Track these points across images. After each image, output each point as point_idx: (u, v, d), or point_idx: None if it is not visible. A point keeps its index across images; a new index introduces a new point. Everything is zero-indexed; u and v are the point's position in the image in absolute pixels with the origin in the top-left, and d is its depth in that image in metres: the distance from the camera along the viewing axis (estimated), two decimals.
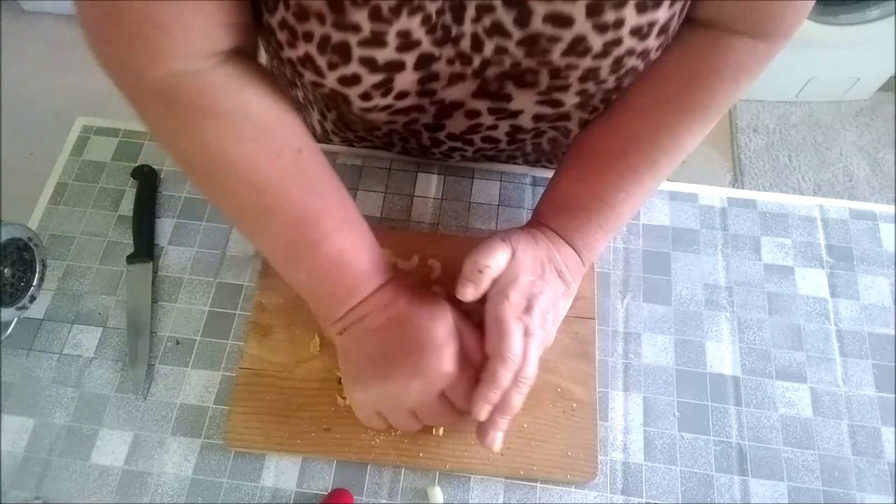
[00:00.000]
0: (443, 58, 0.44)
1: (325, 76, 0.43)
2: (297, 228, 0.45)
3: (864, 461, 0.52)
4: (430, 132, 0.57)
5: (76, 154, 0.65)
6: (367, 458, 0.50)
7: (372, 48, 0.41)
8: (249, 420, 0.51)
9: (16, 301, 0.54)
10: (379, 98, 0.46)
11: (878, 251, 0.61)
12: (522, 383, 0.44)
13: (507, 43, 0.42)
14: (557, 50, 0.41)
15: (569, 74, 0.44)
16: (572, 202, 0.50)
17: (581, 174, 0.50)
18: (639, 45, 0.42)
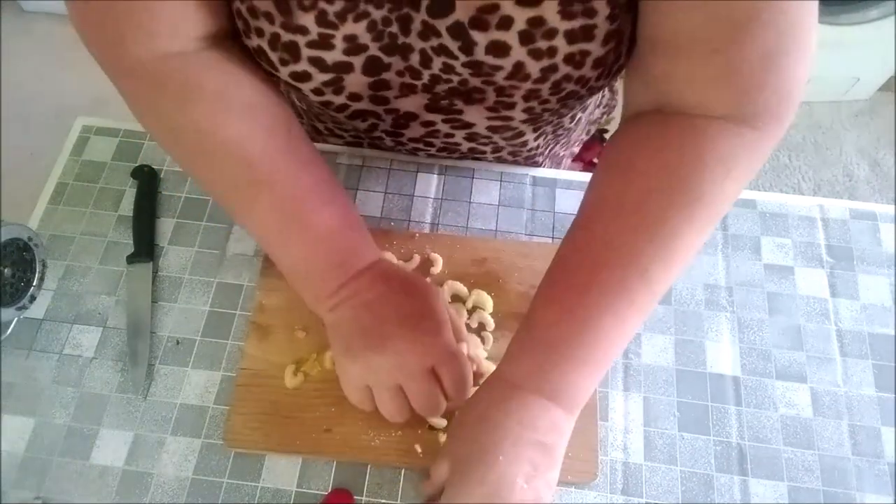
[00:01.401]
0: (392, 68, 0.45)
1: (277, 70, 0.44)
2: (288, 203, 0.45)
3: (864, 461, 0.52)
4: (391, 137, 0.58)
5: (76, 154, 0.65)
6: (368, 459, 0.50)
7: (320, 50, 0.42)
8: (249, 421, 0.51)
9: (16, 301, 0.54)
10: (332, 95, 0.47)
11: (878, 251, 0.61)
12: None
13: (453, 62, 0.43)
14: (500, 75, 0.43)
15: (513, 93, 0.45)
16: (554, 339, 0.40)
17: (562, 301, 0.41)
18: (574, 72, 0.43)
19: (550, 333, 0.41)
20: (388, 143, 0.60)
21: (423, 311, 0.45)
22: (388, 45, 0.43)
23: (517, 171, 0.64)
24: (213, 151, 0.44)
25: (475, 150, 0.60)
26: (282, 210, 0.45)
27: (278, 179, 0.45)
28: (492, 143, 0.58)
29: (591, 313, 0.40)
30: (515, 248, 0.59)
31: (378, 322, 0.45)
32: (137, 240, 0.59)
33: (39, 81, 1.84)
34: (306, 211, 0.45)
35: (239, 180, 0.45)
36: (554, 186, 0.64)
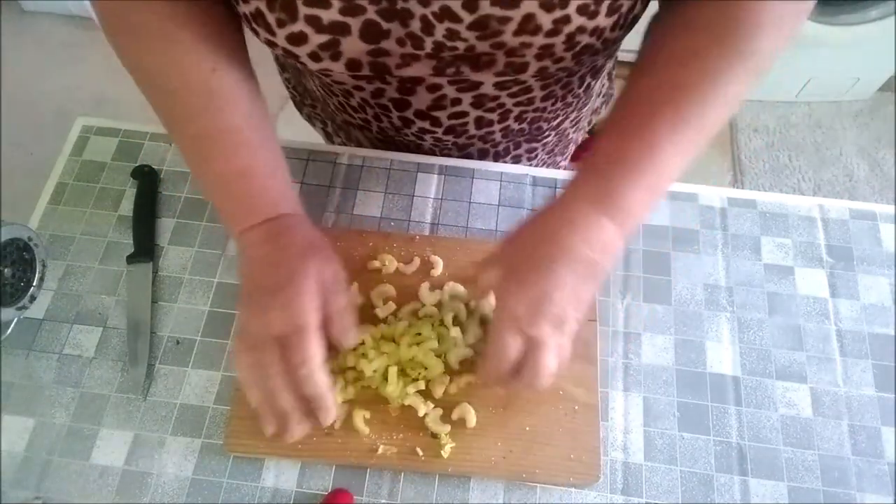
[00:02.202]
0: (392, 35, 0.45)
1: (275, 34, 0.45)
2: (197, 142, 0.46)
3: (864, 461, 0.52)
4: (398, 110, 0.58)
5: (76, 154, 0.65)
6: (369, 461, 0.50)
7: (316, 7, 0.42)
8: (250, 425, 0.51)
9: (16, 301, 0.54)
10: (329, 61, 0.47)
11: (878, 251, 0.61)
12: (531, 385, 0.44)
13: (458, 27, 0.43)
14: (509, 30, 0.42)
15: (524, 53, 0.45)
16: (617, 161, 0.44)
17: (626, 131, 0.44)
18: (588, 23, 0.43)
19: (613, 157, 0.44)
20: (396, 119, 0.60)
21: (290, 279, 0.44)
22: (386, 9, 0.43)
23: (517, 170, 0.64)
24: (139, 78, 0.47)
25: (482, 119, 0.59)
26: (192, 147, 0.47)
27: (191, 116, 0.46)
28: (500, 107, 0.57)
29: (652, 142, 0.43)
30: None
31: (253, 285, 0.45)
32: (137, 240, 0.59)
33: (39, 81, 1.84)
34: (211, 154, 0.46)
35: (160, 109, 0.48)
36: (554, 186, 0.64)
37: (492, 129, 0.62)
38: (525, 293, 0.43)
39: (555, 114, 0.64)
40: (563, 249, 0.43)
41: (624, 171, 0.43)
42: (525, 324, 0.42)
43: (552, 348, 0.43)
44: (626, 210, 0.43)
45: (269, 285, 0.44)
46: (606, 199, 0.43)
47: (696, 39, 0.44)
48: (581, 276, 0.43)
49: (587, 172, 0.45)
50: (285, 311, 0.42)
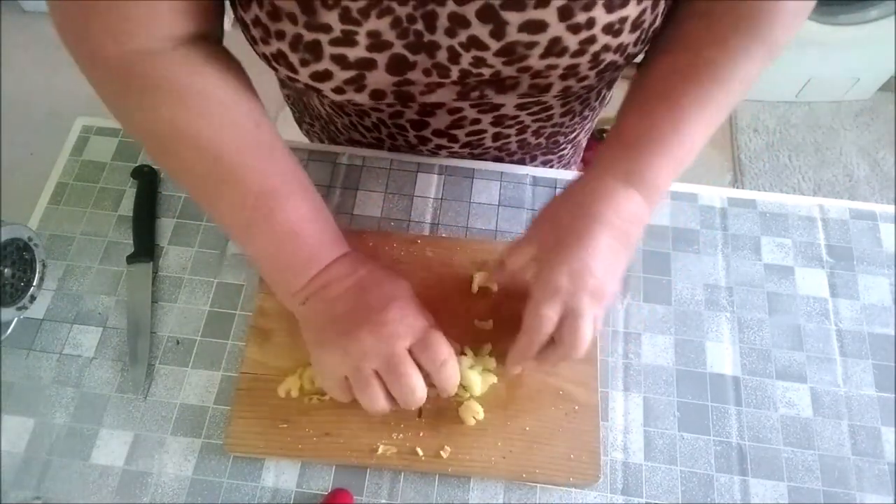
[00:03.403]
0: (419, 67, 0.45)
1: (297, 72, 0.44)
2: (253, 198, 0.45)
3: (864, 461, 0.52)
4: (415, 130, 0.58)
5: (76, 154, 0.65)
6: (369, 462, 0.50)
7: (343, 47, 0.42)
8: (250, 425, 0.51)
9: (16, 301, 0.54)
10: (353, 93, 0.47)
11: (878, 251, 0.61)
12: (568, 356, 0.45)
13: (484, 54, 0.43)
14: (535, 54, 0.42)
15: (549, 74, 0.45)
16: (642, 135, 0.45)
17: (650, 105, 0.46)
18: (613, 41, 0.43)
19: (640, 132, 0.45)
20: (412, 138, 0.60)
21: (394, 296, 0.45)
22: (413, 42, 0.43)
23: (517, 170, 0.64)
24: (178, 146, 0.45)
25: (500, 134, 0.59)
26: (246, 206, 0.45)
27: (242, 174, 0.45)
28: (518, 124, 0.58)
29: (678, 118, 0.44)
30: None
31: (349, 311, 0.45)
32: (137, 240, 0.59)
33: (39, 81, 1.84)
34: (270, 208, 0.45)
35: (204, 174, 0.46)
36: (554, 186, 0.64)
37: (508, 141, 0.62)
38: (566, 264, 0.43)
39: (572, 128, 0.64)
40: (597, 220, 0.44)
41: (651, 147, 0.44)
42: (567, 295, 0.43)
43: (590, 318, 0.43)
44: (652, 184, 0.45)
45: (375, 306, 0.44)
46: (635, 174, 0.44)
47: (717, 23, 0.45)
48: (616, 246, 0.44)
49: (615, 147, 0.46)
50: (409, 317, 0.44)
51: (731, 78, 0.44)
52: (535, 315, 0.43)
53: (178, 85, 0.43)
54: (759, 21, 0.44)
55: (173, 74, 0.43)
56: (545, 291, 0.43)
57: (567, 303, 0.43)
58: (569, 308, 0.43)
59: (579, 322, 0.43)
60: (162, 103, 0.43)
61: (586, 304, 0.43)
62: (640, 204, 0.45)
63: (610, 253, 0.44)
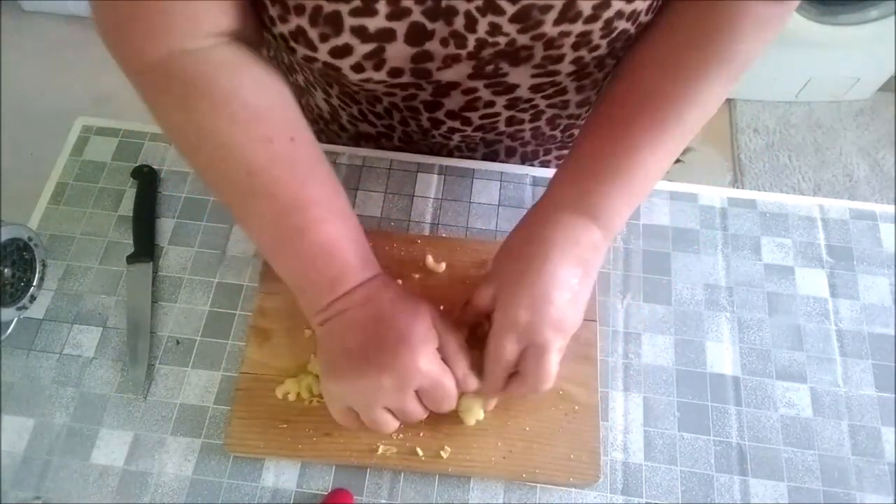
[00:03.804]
0: (436, 36, 0.44)
1: (317, 49, 0.44)
2: (285, 214, 0.45)
3: (864, 461, 0.52)
4: (428, 112, 0.57)
5: (76, 154, 0.65)
6: (369, 462, 0.50)
7: (363, 17, 0.42)
8: (250, 425, 0.51)
9: (16, 301, 0.54)
10: (371, 71, 0.46)
11: (878, 251, 0.61)
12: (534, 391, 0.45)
13: (500, 20, 0.43)
14: (550, 19, 0.42)
15: (562, 43, 0.45)
16: (597, 166, 0.45)
17: (605, 135, 0.46)
18: (627, 6, 0.43)
19: (595, 163, 0.45)
20: (425, 122, 0.59)
21: (404, 334, 0.44)
22: (431, 8, 0.42)
23: (517, 170, 0.64)
24: (213, 154, 0.44)
25: (513, 118, 0.59)
26: (277, 222, 0.45)
27: (275, 190, 0.44)
28: (532, 108, 0.57)
29: (631, 147, 0.44)
30: None
31: (362, 344, 0.44)
32: (137, 240, 0.59)
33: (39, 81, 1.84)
34: (301, 226, 0.45)
35: (237, 186, 0.45)
36: None
37: (522, 128, 0.62)
38: (526, 296, 0.43)
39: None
40: (555, 249, 0.44)
41: (605, 178, 0.44)
42: (526, 329, 0.43)
43: (555, 351, 0.43)
44: (607, 212, 0.45)
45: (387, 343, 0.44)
46: (589, 206, 0.45)
47: (676, 43, 0.45)
48: (576, 274, 0.44)
49: (568, 178, 0.46)
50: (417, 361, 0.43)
51: (687, 105, 0.44)
52: (494, 347, 0.44)
53: (214, 87, 0.42)
54: (721, 39, 0.43)
55: (212, 78, 0.42)
56: (504, 324, 0.43)
57: (529, 336, 0.43)
58: (531, 341, 0.43)
59: (543, 356, 0.43)
60: (199, 108, 0.43)
61: (548, 337, 0.43)
62: (596, 231, 0.45)
63: (567, 281, 0.44)
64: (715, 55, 0.44)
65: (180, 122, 0.44)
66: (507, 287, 0.44)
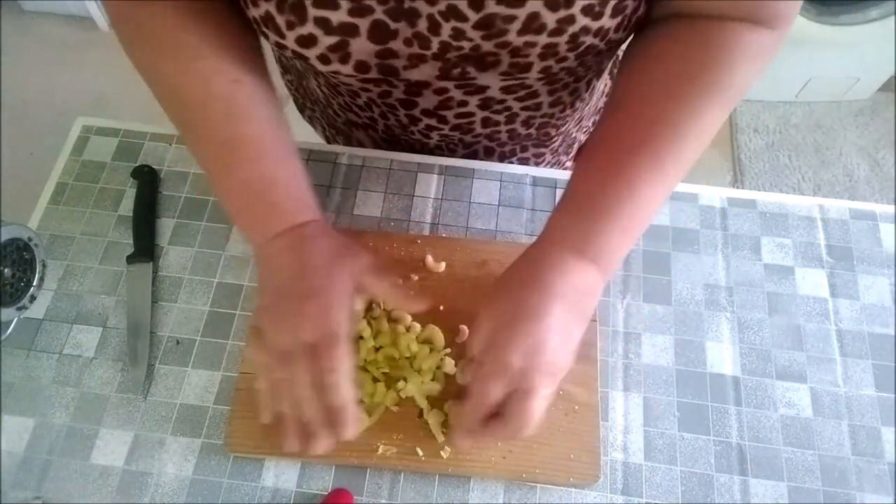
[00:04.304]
0: (400, 35, 0.45)
1: (284, 36, 0.45)
2: (215, 151, 0.47)
3: (864, 461, 0.52)
4: (405, 109, 0.58)
5: (76, 154, 0.65)
6: (369, 462, 0.50)
7: (325, 9, 0.43)
8: (250, 425, 0.51)
9: (16, 301, 0.54)
10: (338, 63, 0.47)
11: (878, 251, 0.61)
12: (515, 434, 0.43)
13: (463, 26, 0.43)
14: (513, 29, 0.43)
15: (528, 53, 0.45)
16: (596, 205, 0.44)
17: (601, 171, 0.45)
18: (593, 23, 0.43)
19: (592, 201, 0.44)
20: (403, 118, 0.60)
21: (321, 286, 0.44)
22: (393, 8, 0.43)
23: (517, 170, 0.64)
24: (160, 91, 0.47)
25: (489, 120, 0.59)
26: (209, 157, 0.47)
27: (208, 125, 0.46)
28: (506, 110, 0.58)
29: (629, 184, 0.43)
30: (516, 251, 0.58)
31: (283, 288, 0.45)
32: (137, 240, 0.59)
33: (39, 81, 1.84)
34: (230, 163, 0.46)
35: (177, 118, 0.48)
36: (554, 186, 0.64)
37: (498, 129, 0.62)
38: (520, 343, 0.42)
39: (563, 120, 0.64)
40: (552, 294, 0.42)
41: (603, 216, 0.43)
42: (518, 373, 0.42)
43: (541, 396, 0.42)
44: (606, 254, 0.44)
45: (299, 293, 0.44)
46: (587, 245, 0.43)
47: (672, 75, 0.44)
48: (570, 318, 0.43)
49: (567, 217, 0.45)
50: (316, 320, 0.43)
51: (685, 138, 0.43)
52: (481, 390, 0.43)
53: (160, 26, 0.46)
54: (717, 69, 0.43)
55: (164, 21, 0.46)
56: (494, 367, 0.42)
57: (517, 381, 0.42)
58: (519, 386, 0.42)
59: (529, 401, 0.42)
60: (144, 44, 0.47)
61: (538, 383, 0.42)
62: (594, 274, 0.44)
63: (564, 327, 0.43)
64: (711, 87, 0.43)
65: (138, 60, 0.48)
66: (502, 330, 0.42)
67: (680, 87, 0.44)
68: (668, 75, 0.44)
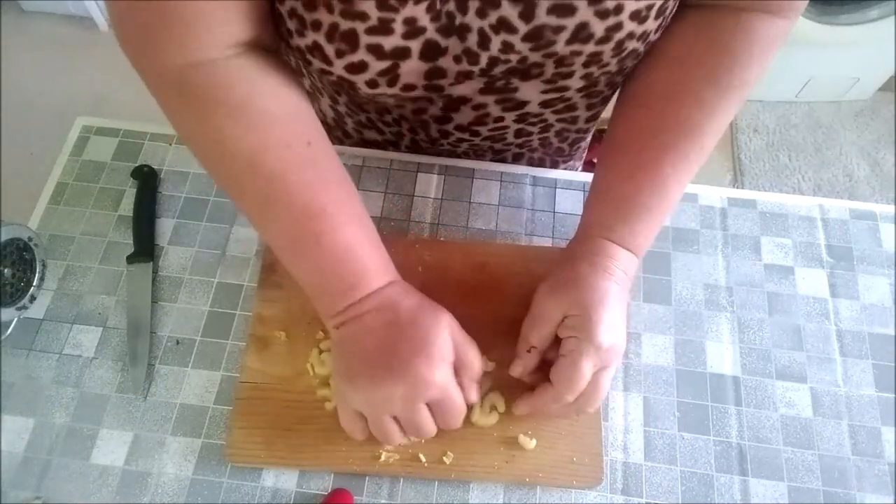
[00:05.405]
0: (450, 53, 0.45)
1: (332, 64, 0.44)
2: (302, 220, 0.45)
3: (864, 461, 0.52)
4: (438, 124, 0.58)
5: (76, 154, 0.65)
6: (371, 470, 0.50)
7: (379, 35, 0.42)
8: (251, 435, 0.51)
9: (16, 301, 0.54)
10: (385, 87, 0.47)
11: (878, 251, 0.61)
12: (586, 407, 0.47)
13: (513, 38, 0.43)
14: (562, 39, 0.43)
15: (573, 62, 0.45)
16: (631, 204, 0.48)
17: (634, 173, 0.48)
18: (638, 28, 0.43)
19: (628, 194, 0.48)
20: (434, 132, 0.59)
21: (422, 344, 0.44)
22: (445, 25, 0.43)
23: (517, 170, 0.64)
24: (232, 163, 0.44)
25: (522, 131, 0.60)
26: (294, 228, 0.45)
27: (292, 195, 0.44)
28: (542, 122, 0.58)
29: (660, 183, 0.47)
30: (515, 253, 0.58)
31: (378, 349, 0.44)
32: (137, 240, 0.59)
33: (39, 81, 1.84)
34: (318, 231, 0.44)
35: (255, 194, 0.45)
36: (554, 186, 0.64)
37: (531, 139, 0.63)
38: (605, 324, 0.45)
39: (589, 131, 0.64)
40: (611, 277, 0.47)
41: (638, 212, 0.47)
42: (604, 354, 0.45)
43: (612, 374, 0.46)
44: (642, 244, 0.48)
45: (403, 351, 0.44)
46: (628, 237, 0.48)
47: (691, 75, 0.46)
48: (624, 300, 0.47)
49: (605, 211, 0.49)
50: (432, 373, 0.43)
51: (706, 135, 0.47)
52: (575, 370, 0.44)
53: (231, 95, 0.43)
54: (734, 68, 0.45)
55: (229, 87, 0.43)
56: (588, 348, 0.44)
57: (603, 360, 0.45)
58: (603, 365, 0.45)
59: (604, 378, 0.45)
60: (217, 117, 0.43)
61: (611, 361, 0.45)
62: (634, 261, 0.48)
63: (623, 307, 0.47)
64: (729, 85, 0.46)
65: (198, 131, 0.44)
66: (587, 315, 0.45)
67: (701, 89, 0.46)
68: (689, 77, 0.46)
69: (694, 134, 0.46)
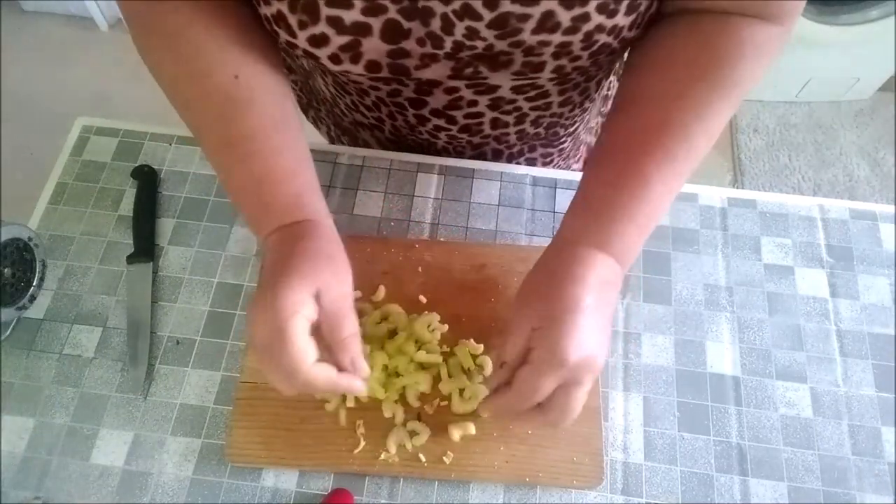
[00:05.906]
0: (413, 35, 0.45)
1: (296, 35, 0.45)
2: (217, 149, 0.47)
3: (864, 461, 0.52)
4: (414, 108, 0.58)
5: (76, 154, 0.65)
6: (371, 470, 0.50)
7: (339, 8, 0.42)
8: (251, 435, 0.51)
9: (16, 301, 0.54)
10: (349, 63, 0.47)
11: (878, 251, 0.61)
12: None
13: (477, 25, 0.43)
14: (528, 28, 0.42)
15: (542, 52, 0.45)
16: (611, 203, 0.45)
17: (616, 173, 0.45)
18: (608, 21, 0.43)
19: (609, 202, 0.45)
20: (411, 118, 0.60)
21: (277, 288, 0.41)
22: (407, 7, 0.43)
23: (517, 170, 0.64)
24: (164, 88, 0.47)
25: (498, 121, 0.59)
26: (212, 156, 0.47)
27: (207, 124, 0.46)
28: (516, 111, 0.58)
29: (644, 184, 0.44)
30: (514, 253, 0.58)
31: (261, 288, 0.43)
32: (137, 240, 0.59)
33: (39, 81, 1.84)
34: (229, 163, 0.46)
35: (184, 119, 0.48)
36: (554, 186, 0.64)
37: (507, 131, 0.62)
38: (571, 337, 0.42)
39: (572, 120, 0.64)
40: (586, 286, 0.43)
41: (621, 216, 0.44)
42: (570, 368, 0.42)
43: (585, 390, 0.43)
44: (625, 251, 0.45)
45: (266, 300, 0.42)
46: (607, 242, 0.44)
47: (681, 75, 0.45)
48: (603, 311, 0.44)
49: (584, 217, 0.46)
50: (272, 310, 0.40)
51: (695, 136, 0.44)
52: (532, 383, 0.42)
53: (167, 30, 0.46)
54: (725, 67, 0.44)
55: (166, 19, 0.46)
56: (551, 362, 0.42)
57: (569, 374, 0.42)
58: (570, 379, 0.42)
59: (574, 394, 0.42)
60: (152, 46, 0.47)
61: (586, 376, 0.42)
62: (615, 266, 0.45)
63: (599, 319, 0.43)
64: (720, 85, 0.44)
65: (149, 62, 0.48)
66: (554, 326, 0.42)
67: (691, 89, 0.44)
68: (679, 77, 0.45)
69: (680, 134, 0.44)
